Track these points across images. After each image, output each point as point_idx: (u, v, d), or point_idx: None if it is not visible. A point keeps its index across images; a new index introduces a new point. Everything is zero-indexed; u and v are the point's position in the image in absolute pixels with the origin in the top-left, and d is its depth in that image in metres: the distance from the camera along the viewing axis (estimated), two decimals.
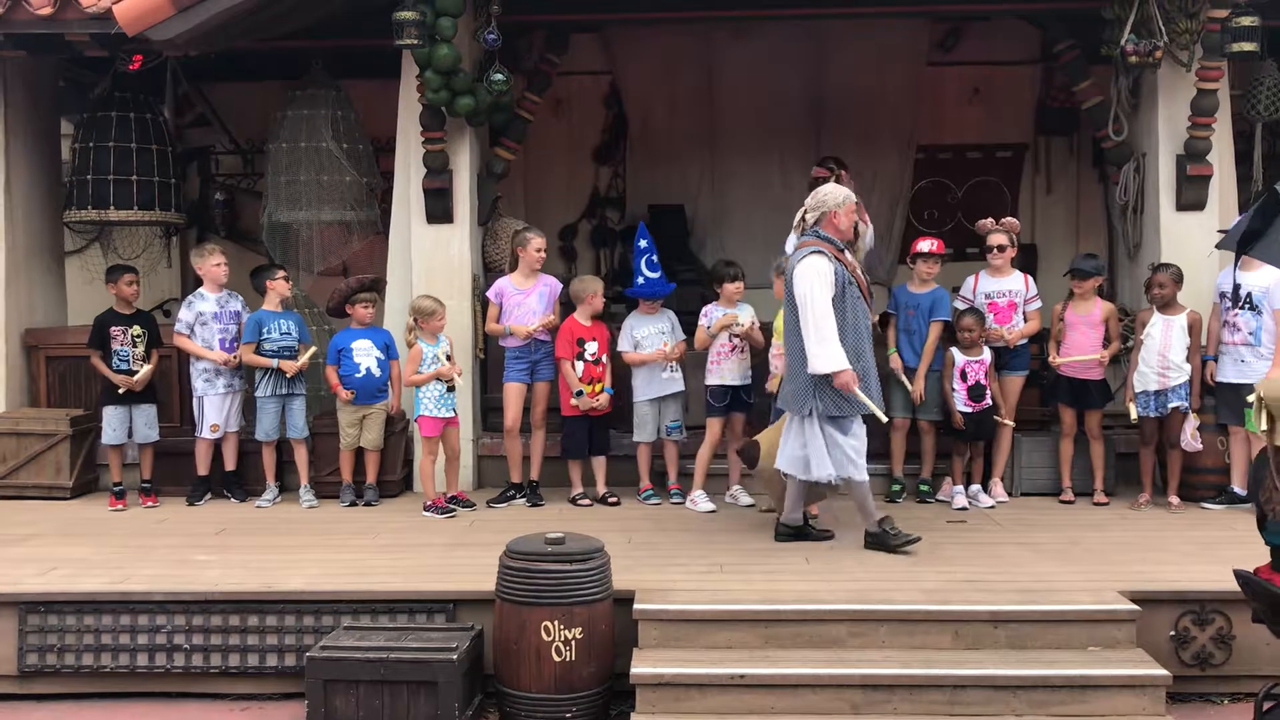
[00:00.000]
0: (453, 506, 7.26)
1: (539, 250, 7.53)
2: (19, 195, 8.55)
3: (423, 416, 7.24)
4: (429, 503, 7.23)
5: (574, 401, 7.41)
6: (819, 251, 6.04)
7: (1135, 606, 5.22)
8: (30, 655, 5.55)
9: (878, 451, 7.45)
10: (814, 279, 5.95)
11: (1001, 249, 7.49)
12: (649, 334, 7.46)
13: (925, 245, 7.51)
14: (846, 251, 6.25)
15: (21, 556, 6.31)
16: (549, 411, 7.65)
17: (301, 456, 7.70)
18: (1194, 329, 7.17)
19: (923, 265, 7.48)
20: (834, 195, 6.19)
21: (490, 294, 7.58)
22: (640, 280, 7.48)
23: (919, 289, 7.49)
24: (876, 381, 6.23)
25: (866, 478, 6.18)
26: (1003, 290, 7.50)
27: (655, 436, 7.53)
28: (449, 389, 7.25)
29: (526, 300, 7.52)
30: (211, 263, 7.74)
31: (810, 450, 6.10)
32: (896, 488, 7.53)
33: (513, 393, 7.49)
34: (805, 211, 6.22)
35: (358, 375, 7.54)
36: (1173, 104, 7.80)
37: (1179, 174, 7.81)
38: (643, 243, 7.53)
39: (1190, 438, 7.06)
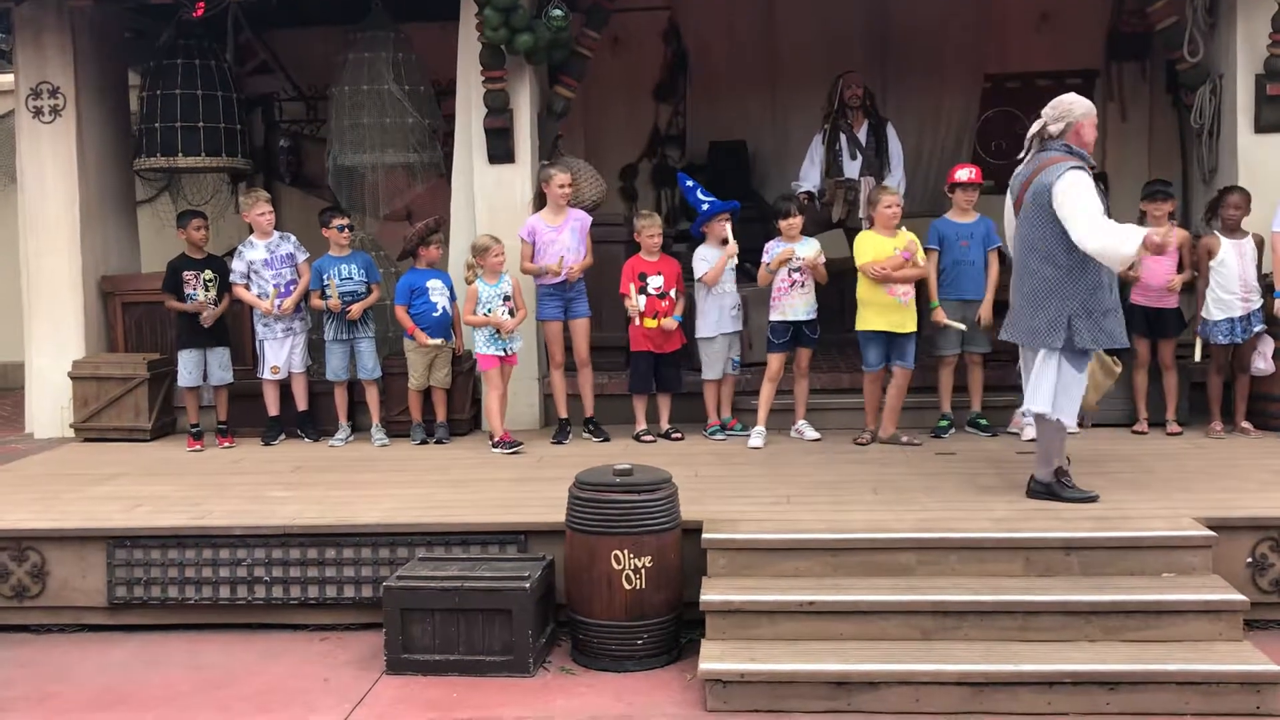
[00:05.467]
0: (519, 441, 7.35)
1: (561, 186, 7.48)
2: (90, 145, 8.70)
3: (479, 354, 7.33)
4: (495, 439, 7.32)
5: (640, 321, 7.42)
6: (1079, 167, 5.46)
7: (1211, 533, 5.16)
8: (118, 588, 5.75)
9: (923, 385, 7.48)
10: (1087, 195, 5.35)
11: None
12: (714, 257, 7.44)
13: (963, 174, 7.36)
14: None
15: (107, 494, 6.51)
16: (610, 349, 7.70)
17: (372, 396, 7.83)
18: (1259, 250, 7.03)
19: (961, 194, 7.32)
20: (1079, 104, 5.65)
21: (523, 233, 7.54)
22: (704, 207, 7.44)
23: (964, 218, 7.34)
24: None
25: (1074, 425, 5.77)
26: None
27: (723, 373, 7.53)
28: (496, 332, 7.31)
29: (560, 236, 7.50)
30: (256, 211, 7.82)
31: (1059, 386, 5.54)
32: (944, 423, 7.44)
33: (554, 331, 7.55)
34: (1046, 123, 5.63)
35: (434, 314, 7.61)
36: (1251, 21, 7.55)
37: (1258, 94, 7.58)
38: (689, 182, 7.54)
39: (1265, 362, 6.92)
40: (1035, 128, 5.70)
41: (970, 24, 9.99)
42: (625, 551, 5.03)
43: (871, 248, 7.02)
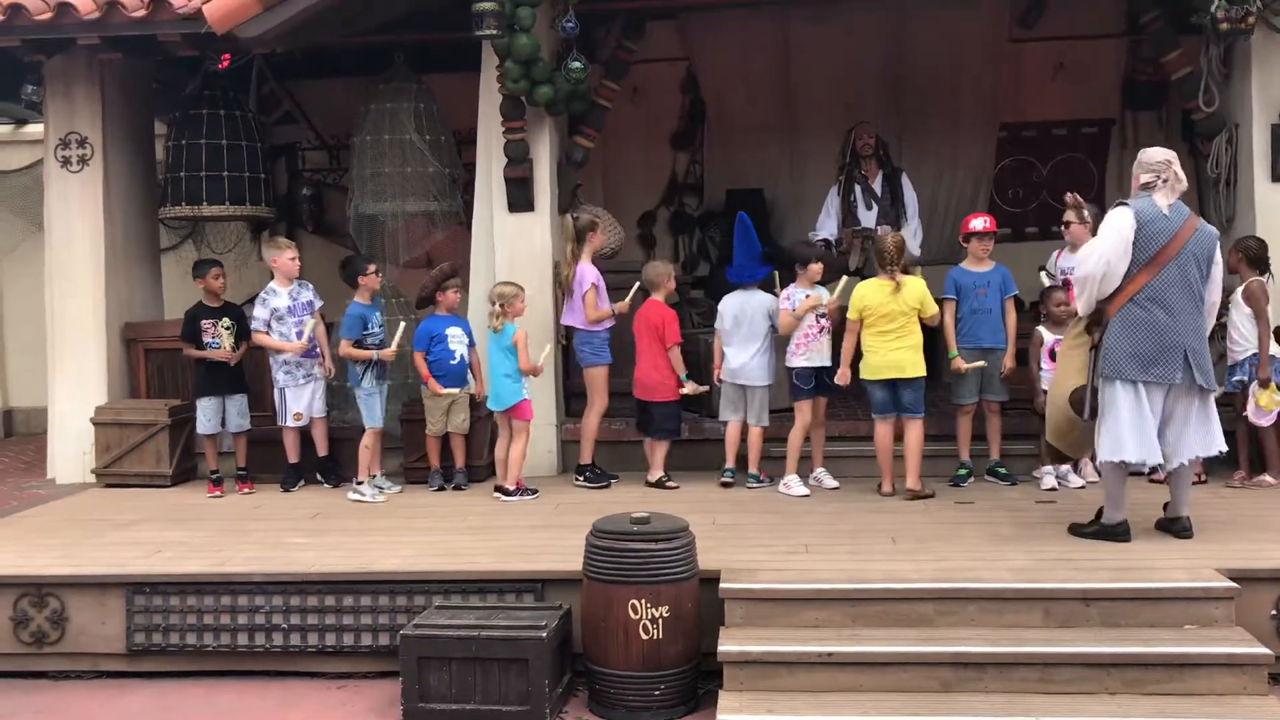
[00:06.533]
0: (533, 488, 7.38)
1: (604, 234, 7.78)
2: (116, 194, 8.84)
3: (527, 399, 7.38)
4: (510, 486, 7.35)
5: (685, 390, 7.50)
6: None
7: (1234, 584, 5.11)
8: (137, 634, 5.76)
9: (941, 434, 7.48)
10: None
11: (1067, 225, 7.35)
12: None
13: (978, 223, 7.39)
14: None
15: (127, 540, 6.54)
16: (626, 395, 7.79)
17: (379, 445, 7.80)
18: (1252, 298, 7.03)
19: (977, 243, 7.35)
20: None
21: (594, 279, 7.62)
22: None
23: (979, 267, 7.37)
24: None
25: None
26: (1071, 266, 7.34)
27: (741, 418, 7.54)
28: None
29: (601, 283, 7.68)
30: (286, 256, 7.89)
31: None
32: (963, 472, 7.40)
33: (606, 376, 7.64)
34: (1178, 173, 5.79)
35: (452, 361, 7.65)
36: (1266, 71, 7.59)
37: (1274, 144, 7.61)
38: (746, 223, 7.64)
39: (1253, 410, 6.94)
40: (1173, 177, 5.78)
41: (986, 73, 10.06)
42: (642, 601, 5.02)
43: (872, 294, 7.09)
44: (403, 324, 7.85)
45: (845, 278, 7.47)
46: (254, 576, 5.78)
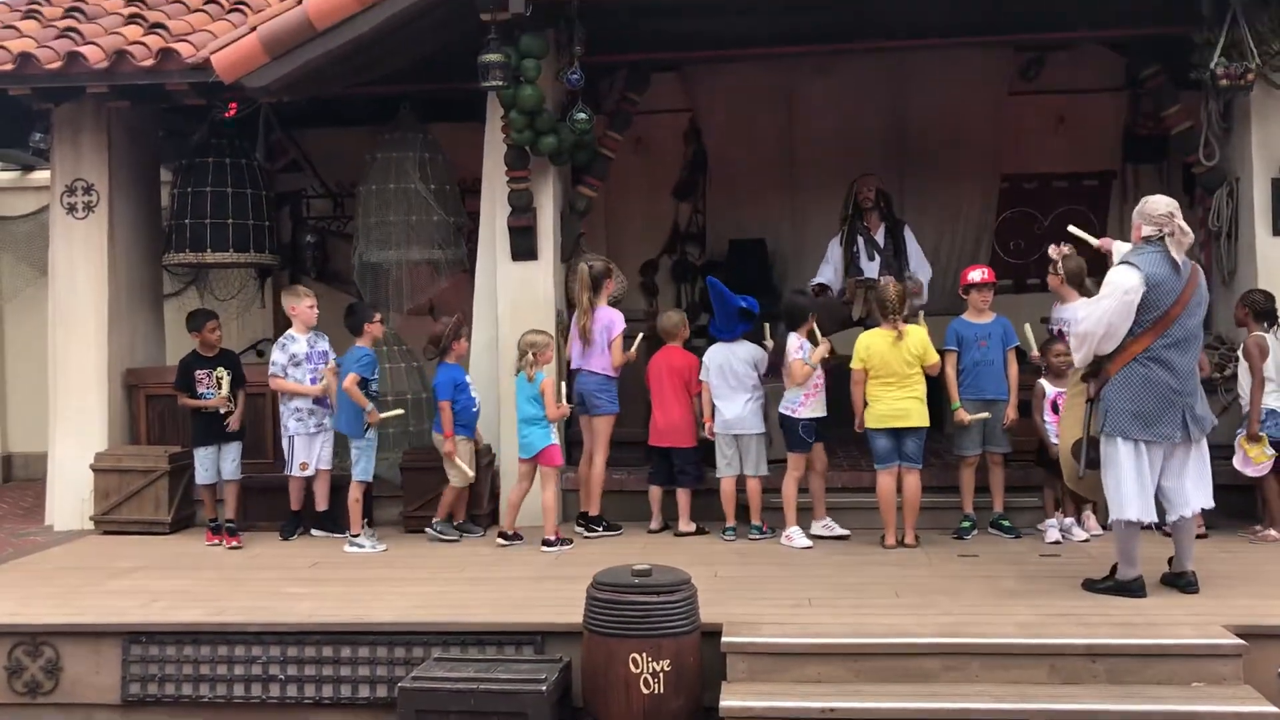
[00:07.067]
0: (568, 538, 7.37)
1: (620, 281, 7.86)
2: (121, 240, 8.87)
3: (555, 445, 7.34)
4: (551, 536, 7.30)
5: (705, 434, 7.52)
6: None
7: (1241, 641, 5.06)
8: (132, 684, 5.70)
9: (944, 485, 7.45)
10: None
11: (1054, 273, 7.35)
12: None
13: (976, 275, 7.42)
14: None
15: (124, 589, 6.50)
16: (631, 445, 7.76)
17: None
18: (1247, 353, 7.06)
19: (976, 295, 7.37)
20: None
21: (621, 324, 7.66)
22: (743, 304, 7.50)
23: (980, 318, 7.38)
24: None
25: None
26: (1063, 318, 7.33)
27: (740, 471, 7.51)
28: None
29: None
30: (305, 304, 7.90)
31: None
32: (967, 524, 7.35)
33: (611, 424, 7.63)
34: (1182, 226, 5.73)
35: (474, 409, 7.63)
36: (1266, 126, 7.63)
37: (1275, 198, 7.63)
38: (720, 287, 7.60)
39: (1240, 460, 6.96)
40: (1178, 228, 5.73)
41: (988, 126, 10.13)
42: (644, 654, 4.97)
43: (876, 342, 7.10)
44: (398, 410, 7.82)
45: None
46: (251, 626, 5.73)
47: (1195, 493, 5.78)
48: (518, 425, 7.38)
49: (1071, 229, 6.76)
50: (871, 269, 8.80)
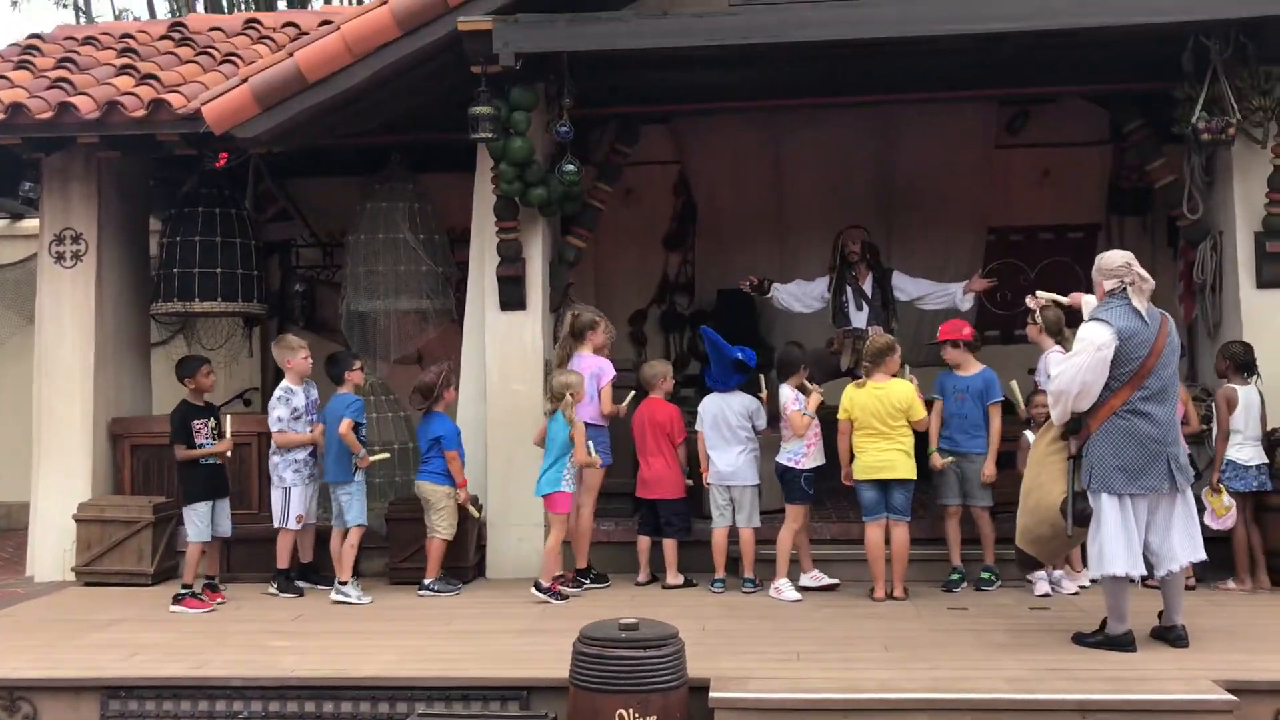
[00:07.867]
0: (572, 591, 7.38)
1: (606, 334, 7.83)
2: (109, 289, 8.85)
3: (565, 492, 7.28)
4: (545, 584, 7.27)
5: (691, 483, 7.56)
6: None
7: (1232, 696, 5.03)
8: None
9: (932, 537, 7.46)
10: None
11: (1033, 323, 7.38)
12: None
13: (945, 331, 7.48)
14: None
15: (104, 642, 6.41)
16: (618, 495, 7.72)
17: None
18: (1216, 406, 7.14)
19: (952, 351, 7.41)
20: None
21: (612, 374, 7.65)
22: (739, 355, 7.49)
23: (965, 371, 7.40)
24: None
25: None
26: (1038, 368, 7.34)
27: (732, 522, 7.46)
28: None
29: None
30: (300, 356, 7.81)
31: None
32: (955, 576, 7.32)
33: (602, 474, 7.60)
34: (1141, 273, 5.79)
35: (463, 458, 7.61)
36: (1248, 181, 7.70)
37: (1258, 251, 7.68)
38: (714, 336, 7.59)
39: (1209, 515, 6.97)
40: (1139, 283, 5.78)
41: (974, 178, 10.22)
42: (630, 710, 4.91)
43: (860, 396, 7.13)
44: (385, 454, 7.83)
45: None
46: (233, 681, 5.66)
47: (1182, 547, 5.77)
48: (546, 467, 7.33)
49: (1039, 293, 6.78)
50: (860, 319, 8.83)
